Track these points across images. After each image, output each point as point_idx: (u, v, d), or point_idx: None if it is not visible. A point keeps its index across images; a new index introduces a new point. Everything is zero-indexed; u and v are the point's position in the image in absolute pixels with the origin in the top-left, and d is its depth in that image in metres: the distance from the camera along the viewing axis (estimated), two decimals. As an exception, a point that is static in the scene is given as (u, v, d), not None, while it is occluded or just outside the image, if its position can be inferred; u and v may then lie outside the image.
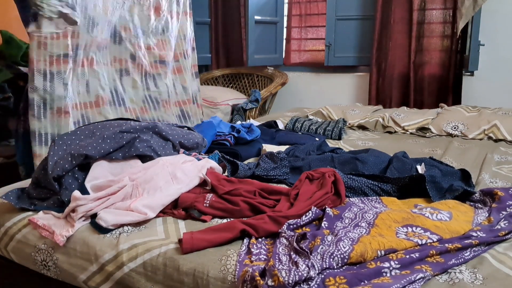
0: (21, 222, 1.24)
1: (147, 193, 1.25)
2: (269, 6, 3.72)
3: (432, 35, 3.16)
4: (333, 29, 3.55)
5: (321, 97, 3.69)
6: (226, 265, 0.97)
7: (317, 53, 3.86)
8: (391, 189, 1.36)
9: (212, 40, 4.01)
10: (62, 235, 1.12)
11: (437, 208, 1.17)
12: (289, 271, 0.87)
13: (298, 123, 2.41)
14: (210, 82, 4.10)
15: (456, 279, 0.89)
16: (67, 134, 1.42)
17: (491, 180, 1.53)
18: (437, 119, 2.38)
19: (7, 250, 1.25)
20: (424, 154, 1.89)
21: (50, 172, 1.26)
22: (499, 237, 1.04)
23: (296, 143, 1.94)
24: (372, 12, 3.35)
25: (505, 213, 1.16)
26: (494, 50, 3.05)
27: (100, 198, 1.21)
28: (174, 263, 1.00)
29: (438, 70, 3.17)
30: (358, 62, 3.56)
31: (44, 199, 1.31)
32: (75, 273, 1.12)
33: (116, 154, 1.37)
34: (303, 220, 1.11)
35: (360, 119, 2.54)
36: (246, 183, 1.34)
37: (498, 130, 2.18)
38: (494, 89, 3.09)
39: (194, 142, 1.65)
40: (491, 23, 3.01)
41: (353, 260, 0.94)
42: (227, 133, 1.94)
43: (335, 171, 1.33)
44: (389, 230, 1.06)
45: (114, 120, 1.55)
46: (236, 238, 1.06)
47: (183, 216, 1.21)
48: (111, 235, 1.12)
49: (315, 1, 3.75)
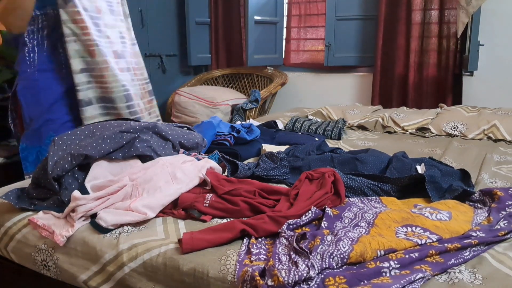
0: (21, 222, 1.24)
1: (147, 193, 1.25)
2: (269, 6, 3.72)
3: (432, 35, 3.16)
4: (332, 29, 3.55)
5: (320, 97, 3.69)
6: (226, 265, 0.97)
7: (317, 53, 3.86)
8: (390, 189, 1.36)
9: (212, 40, 4.01)
10: (62, 235, 1.12)
11: (436, 208, 1.17)
12: (289, 271, 0.87)
13: (298, 123, 2.41)
14: (210, 82, 4.10)
15: (456, 279, 0.89)
16: (67, 134, 1.42)
17: (491, 180, 1.53)
18: (437, 119, 2.39)
19: (7, 250, 1.25)
20: (424, 154, 1.89)
21: (50, 172, 1.26)
22: (498, 237, 1.04)
23: (296, 143, 1.94)
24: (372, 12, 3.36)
25: (505, 213, 1.16)
26: (493, 50, 3.05)
27: (100, 198, 1.21)
28: (174, 263, 1.00)
29: (438, 70, 3.17)
30: (357, 62, 3.57)
31: (44, 199, 1.31)
32: (75, 273, 1.12)
33: (116, 154, 1.37)
34: (302, 220, 1.11)
35: (360, 119, 2.55)
36: (246, 183, 1.34)
37: (497, 130, 2.19)
38: (494, 89, 3.09)
39: (194, 142, 1.65)
40: (490, 23, 3.01)
41: (352, 260, 0.94)
42: (227, 133, 1.94)
43: (334, 171, 1.33)
44: (389, 230, 1.06)
45: (114, 120, 1.55)
46: (236, 238, 1.07)
47: (183, 216, 1.21)
48: (111, 235, 1.12)
49: (315, 1, 3.75)
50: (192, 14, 3.82)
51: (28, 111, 1.79)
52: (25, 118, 1.80)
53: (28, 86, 1.79)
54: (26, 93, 1.79)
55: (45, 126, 1.79)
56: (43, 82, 1.80)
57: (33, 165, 1.78)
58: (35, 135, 1.78)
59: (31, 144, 1.79)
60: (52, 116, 1.80)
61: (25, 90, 1.79)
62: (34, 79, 1.78)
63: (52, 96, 1.82)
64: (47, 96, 1.81)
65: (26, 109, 1.79)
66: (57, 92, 1.82)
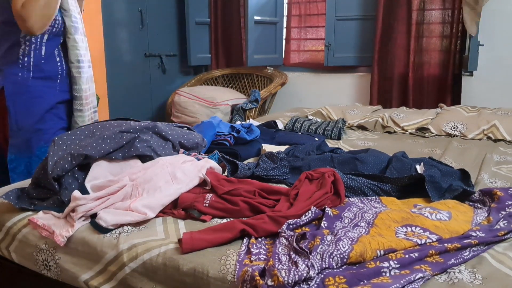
0: (21, 222, 1.24)
1: (147, 193, 1.25)
2: (268, 6, 3.72)
3: (431, 35, 3.16)
4: (332, 29, 3.56)
5: (320, 97, 3.69)
6: (226, 265, 0.97)
7: (317, 53, 3.86)
8: (390, 189, 1.36)
9: (212, 40, 4.01)
10: (62, 235, 1.12)
11: (436, 208, 1.18)
12: (289, 271, 0.87)
13: (298, 123, 2.41)
14: (210, 82, 4.10)
15: (456, 279, 0.89)
16: (67, 134, 1.42)
17: (491, 180, 1.53)
18: (437, 119, 2.39)
19: (8, 250, 1.25)
20: (424, 154, 1.89)
21: (50, 172, 1.26)
22: (498, 237, 1.04)
23: (296, 143, 1.94)
24: (372, 12, 3.36)
25: (504, 213, 1.16)
26: (493, 50, 3.05)
27: (100, 198, 1.21)
28: (174, 263, 1.00)
29: (438, 70, 3.18)
30: (357, 62, 3.57)
31: (44, 199, 1.31)
32: (77, 272, 1.12)
33: (116, 154, 1.37)
34: (302, 220, 1.11)
35: (360, 119, 2.55)
36: (246, 183, 1.34)
37: (497, 130, 2.19)
38: (494, 89, 3.10)
39: (193, 142, 1.65)
40: (490, 23, 3.01)
41: (352, 260, 0.95)
42: (226, 133, 1.94)
43: (334, 171, 1.33)
44: (389, 230, 1.06)
45: (114, 120, 1.55)
46: (236, 238, 1.07)
47: (183, 216, 1.21)
48: (111, 235, 1.12)
49: (315, 1, 3.75)
50: (192, 14, 3.82)
51: (16, 119, 1.66)
52: (12, 125, 1.67)
53: (19, 92, 1.66)
54: (16, 99, 1.65)
55: (36, 136, 1.69)
56: (38, 90, 1.69)
57: (21, 176, 1.67)
58: (24, 145, 1.68)
59: (20, 155, 1.68)
60: (43, 126, 1.71)
61: (16, 96, 1.65)
62: (27, 85, 1.66)
63: (45, 105, 1.71)
64: (40, 105, 1.70)
65: (14, 117, 1.66)
66: (50, 102, 1.72)
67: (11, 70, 1.66)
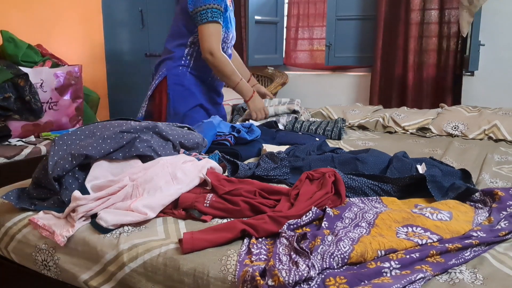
0: (22, 222, 1.24)
1: (147, 193, 1.25)
2: (269, 6, 3.72)
3: (432, 35, 3.16)
4: (333, 29, 3.55)
5: (321, 97, 3.69)
6: (226, 265, 0.97)
7: (317, 53, 3.86)
8: (391, 189, 1.36)
9: (212, 40, 4.00)
10: (62, 235, 1.12)
11: (437, 208, 1.17)
12: (289, 271, 0.87)
13: (298, 123, 2.41)
14: (210, 82, 4.09)
15: (456, 279, 0.89)
16: (67, 134, 1.42)
17: (492, 180, 1.53)
18: (437, 119, 2.38)
19: (7, 250, 1.25)
20: (424, 154, 1.89)
21: (50, 172, 1.26)
22: (499, 237, 1.04)
23: (296, 143, 1.93)
24: (373, 12, 3.36)
25: (506, 213, 1.16)
26: (494, 50, 3.05)
27: (100, 198, 1.21)
28: (174, 263, 1.00)
29: (438, 70, 3.17)
30: (358, 62, 3.57)
31: (44, 199, 1.31)
32: (76, 273, 1.12)
33: (116, 154, 1.37)
34: (303, 220, 1.11)
35: (360, 119, 2.54)
36: (246, 183, 1.34)
37: (498, 130, 2.19)
38: (494, 89, 3.10)
39: (194, 142, 1.64)
40: (491, 23, 3.01)
41: (353, 260, 0.94)
42: (227, 133, 1.94)
43: (335, 171, 1.33)
44: (389, 230, 1.06)
45: (115, 120, 1.55)
46: (236, 238, 1.07)
47: (183, 216, 1.21)
48: (111, 235, 1.12)
49: (315, 1, 3.75)
50: (193, 14, 3.82)
51: (174, 106, 2.12)
52: (170, 110, 2.12)
53: (177, 83, 2.12)
54: (175, 89, 2.12)
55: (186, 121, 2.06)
56: (191, 83, 2.14)
57: None
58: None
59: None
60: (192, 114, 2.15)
61: (175, 87, 2.12)
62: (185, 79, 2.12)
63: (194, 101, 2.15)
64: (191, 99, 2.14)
65: (172, 103, 2.12)
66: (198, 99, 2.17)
67: (173, 63, 2.13)
